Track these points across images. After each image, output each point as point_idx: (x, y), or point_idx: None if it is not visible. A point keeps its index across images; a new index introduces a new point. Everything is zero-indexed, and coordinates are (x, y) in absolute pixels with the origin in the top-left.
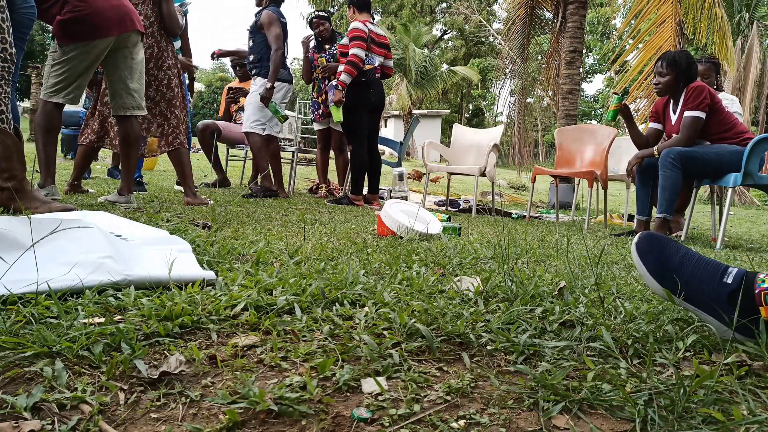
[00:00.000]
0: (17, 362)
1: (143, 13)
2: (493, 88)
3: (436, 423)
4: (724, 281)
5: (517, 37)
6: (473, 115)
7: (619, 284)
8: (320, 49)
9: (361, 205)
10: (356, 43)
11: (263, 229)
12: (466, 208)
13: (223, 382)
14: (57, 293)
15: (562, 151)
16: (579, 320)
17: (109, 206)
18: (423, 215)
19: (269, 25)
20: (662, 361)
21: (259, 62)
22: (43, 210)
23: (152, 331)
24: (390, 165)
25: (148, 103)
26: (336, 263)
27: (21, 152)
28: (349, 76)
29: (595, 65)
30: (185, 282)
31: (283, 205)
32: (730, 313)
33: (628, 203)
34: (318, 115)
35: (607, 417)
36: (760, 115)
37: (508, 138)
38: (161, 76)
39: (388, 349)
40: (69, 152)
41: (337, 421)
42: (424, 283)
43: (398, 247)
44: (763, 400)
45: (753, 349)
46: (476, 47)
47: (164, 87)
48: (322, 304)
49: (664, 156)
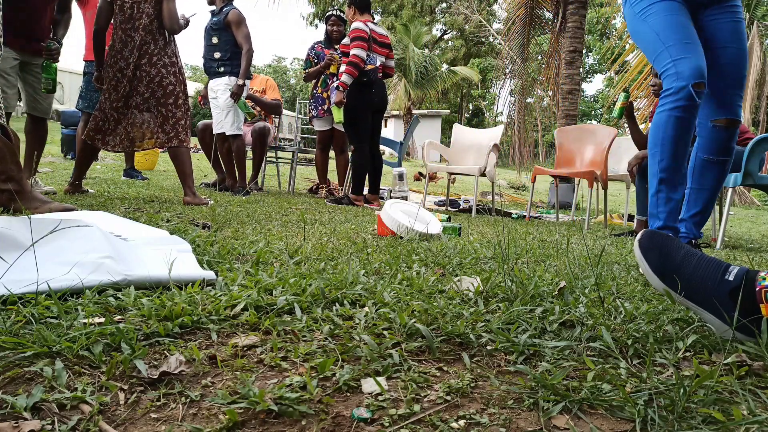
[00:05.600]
0: (17, 362)
1: (144, 11)
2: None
3: (436, 423)
4: (725, 279)
5: (517, 37)
6: (473, 115)
7: (619, 284)
8: (329, 46)
9: (362, 205)
10: (357, 43)
11: (263, 229)
12: (466, 208)
13: (223, 382)
14: (57, 293)
15: (562, 151)
16: (579, 320)
17: (109, 206)
18: (423, 215)
19: (239, 24)
20: (662, 361)
21: (228, 60)
22: (43, 210)
23: (152, 331)
24: (390, 165)
25: (137, 99)
26: (336, 263)
27: (15, 153)
28: (350, 77)
29: (595, 65)
30: (185, 282)
31: (283, 205)
32: (731, 311)
33: (628, 203)
34: (322, 110)
35: (607, 417)
36: (761, 115)
37: (508, 138)
38: (153, 72)
39: (388, 349)
40: (69, 152)
41: (337, 421)
42: (424, 283)
43: (398, 247)
44: (763, 400)
45: (753, 349)
46: (476, 47)
47: (155, 84)
48: (322, 304)
49: None
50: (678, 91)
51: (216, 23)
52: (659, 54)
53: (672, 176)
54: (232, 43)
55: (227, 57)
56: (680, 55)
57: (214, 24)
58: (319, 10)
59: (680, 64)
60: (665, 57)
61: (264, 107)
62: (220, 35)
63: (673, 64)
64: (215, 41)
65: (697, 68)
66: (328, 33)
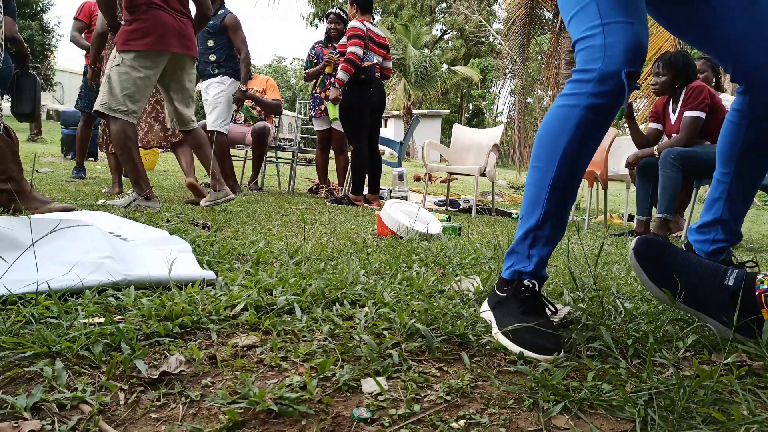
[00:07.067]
0: (17, 362)
1: None
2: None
3: (436, 423)
4: (725, 283)
5: (517, 37)
6: (473, 115)
7: (619, 284)
8: (327, 45)
9: (362, 205)
10: (354, 41)
11: (263, 229)
12: (466, 208)
13: (223, 382)
14: (57, 293)
15: None
16: (579, 320)
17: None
18: (423, 215)
19: (236, 29)
20: (662, 361)
21: (224, 62)
22: (43, 210)
23: (152, 331)
24: (390, 165)
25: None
26: (336, 263)
27: (15, 153)
28: (347, 74)
29: None
30: (185, 282)
31: (283, 205)
32: (732, 316)
33: (628, 203)
34: (320, 110)
35: (607, 417)
36: None
37: (508, 138)
38: None
39: (388, 349)
40: (69, 152)
41: (337, 421)
42: (424, 283)
43: (398, 247)
44: (763, 400)
45: (753, 349)
46: (476, 47)
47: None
48: (322, 304)
49: (665, 156)
50: (602, 78)
51: (212, 26)
52: (584, 6)
53: (564, 201)
54: (228, 47)
55: (222, 59)
56: (616, 17)
57: (210, 27)
58: (319, 10)
59: (613, 32)
60: (590, 14)
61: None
62: (216, 38)
63: (602, 30)
64: (211, 44)
65: (638, 45)
66: (328, 31)
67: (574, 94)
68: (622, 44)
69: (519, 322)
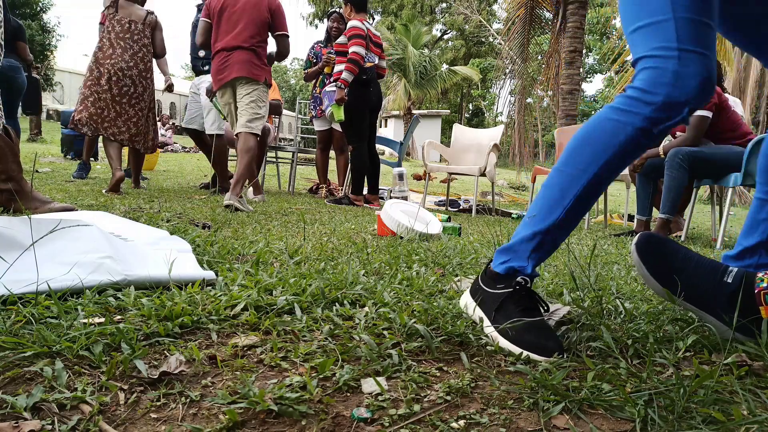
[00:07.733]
0: (17, 362)
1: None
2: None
3: (436, 423)
4: (724, 281)
5: (517, 37)
6: (473, 115)
7: (619, 284)
8: (327, 45)
9: (362, 205)
10: (356, 41)
11: (263, 229)
12: (466, 208)
13: (223, 382)
14: (57, 293)
15: (562, 151)
16: (579, 320)
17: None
18: (423, 215)
19: None
20: (662, 361)
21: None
22: (43, 210)
23: (152, 331)
24: (390, 165)
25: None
26: (336, 263)
27: (15, 153)
28: (351, 74)
29: (595, 65)
30: (185, 282)
31: (283, 205)
32: (731, 313)
33: (628, 203)
34: (320, 110)
35: (607, 417)
36: (761, 115)
37: (508, 138)
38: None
39: (388, 349)
40: (69, 152)
41: (337, 421)
42: (424, 283)
43: (398, 247)
44: (763, 400)
45: (753, 349)
46: (476, 47)
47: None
48: (322, 304)
49: (672, 156)
50: (666, 106)
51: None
52: (659, 22)
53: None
54: None
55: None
56: (695, 45)
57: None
58: (319, 10)
59: (689, 62)
60: (666, 33)
61: None
62: None
63: (678, 55)
64: (202, 39)
65: (710, 80)
66: (328, 30)
67: (630, 111)
68: (697, 77)
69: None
